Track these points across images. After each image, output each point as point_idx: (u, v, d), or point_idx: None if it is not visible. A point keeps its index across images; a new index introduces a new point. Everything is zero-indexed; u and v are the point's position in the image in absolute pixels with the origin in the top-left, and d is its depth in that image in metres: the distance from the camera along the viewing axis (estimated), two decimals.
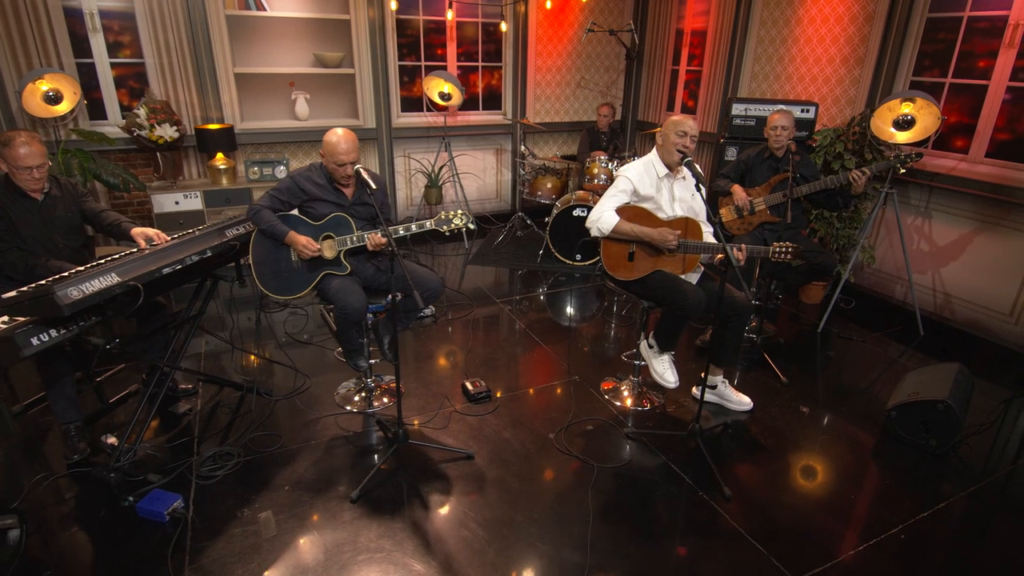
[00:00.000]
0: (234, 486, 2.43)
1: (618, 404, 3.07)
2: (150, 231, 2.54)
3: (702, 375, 2.63)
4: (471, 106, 5.96)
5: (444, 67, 5.66)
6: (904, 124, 3.52)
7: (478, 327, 3.94)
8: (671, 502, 2.42)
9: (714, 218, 2.55)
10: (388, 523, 2.26)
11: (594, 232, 2.75)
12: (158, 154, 4.49)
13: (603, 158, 4.95)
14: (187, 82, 4.64)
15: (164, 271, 2.25)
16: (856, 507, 2.43)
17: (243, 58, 4.92)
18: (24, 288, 2.05)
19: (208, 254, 2.48)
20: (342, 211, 2.68)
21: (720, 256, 2.51)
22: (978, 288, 3.80)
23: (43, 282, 2.07)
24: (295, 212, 2.72)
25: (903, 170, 3.46)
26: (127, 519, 2.24)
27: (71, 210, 2.63)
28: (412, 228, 2.58)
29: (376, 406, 3.00)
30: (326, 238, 2.67)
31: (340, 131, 2.56)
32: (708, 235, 2.77)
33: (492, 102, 6.08)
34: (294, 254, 2.66)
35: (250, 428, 2.80)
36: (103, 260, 2.29)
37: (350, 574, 2.03)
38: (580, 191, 4.88)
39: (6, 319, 1.96)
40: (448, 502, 2.38)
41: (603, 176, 4.90)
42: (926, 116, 3.45)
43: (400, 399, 2.58)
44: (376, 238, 2.58)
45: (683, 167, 2.68)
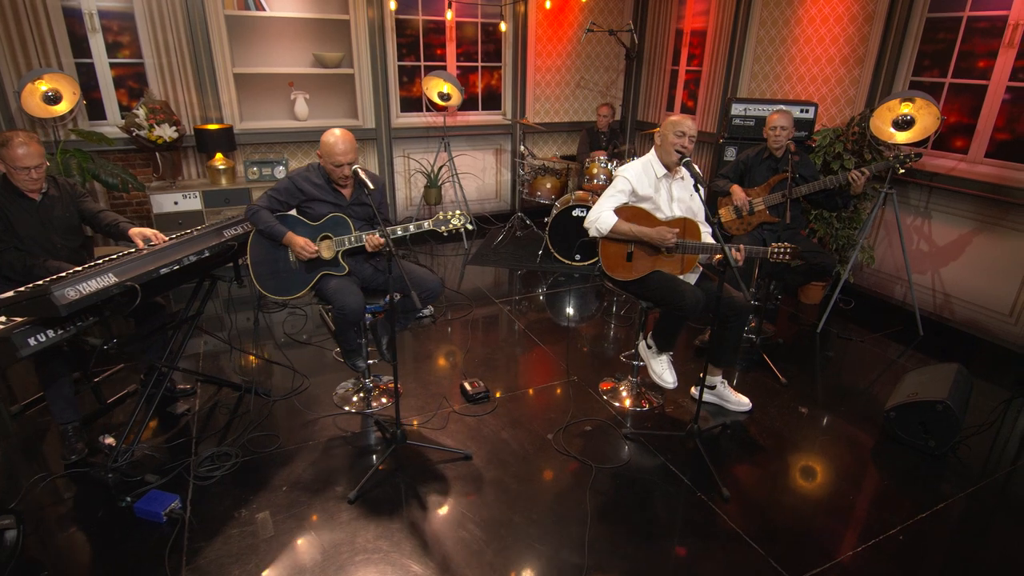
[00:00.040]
0: (232, 487, 2.43)
1: (617, 405, 3.06)
2: (148, 231, 2.54)
3: (700, 375, 2.63)
4: (470, 106, 5.96)
5: (443, 67, 5.66)
6: (903, 124, 3.51)
7: (477, 327, 3.94)
8: (669, 503, 2.42)
9: (712, 218, 2.55)
10: (386, 524, 2.26)
11: (592, 232, 2.75)
12: (157, 154, 4.49)
13: (603, 158, 4.95)
14: (186, 82, 4.64)
15: (162, 271, 2.25)
16: (855, 508, 2.43)
17: (242, 58, 4.92)
18: (21, 288, 2.05)
19: (206, 254, 2.47)
20: (340, 211, 2.68)
21: (719, 256, 2.51)
22: (977, 288, 3.79)
23: (40, 282, 2.07)
24: (293, 212, 2.72)
25: (902, 170, 3.46)
26: (125, 519, 2.24)
27: (69, 210, 2.63)
28: (410, 228, 2.58)
29: (374, 406, 3.00)
30: (324, 238, 2.67)
31: (338, 132, 2.56)
32: (706, 235, 2.77)
33: (492, 102, 6.08)
34: (292, 254, 2.66)
35: (248, 428, 2.79)
36: (101, 260, 2.29)
37: (347, 575, 2.03)
38: (579, 191, 4.88)
39: (3, 319, 1.95)
40: (446, 503, 2.38)
41: (602, 176, 4.90)
42: (925, 116, 3.45)
43: (398, 399, 2.58)
44: (374, 239, 2.58)
45: (681, 167, 2.68)
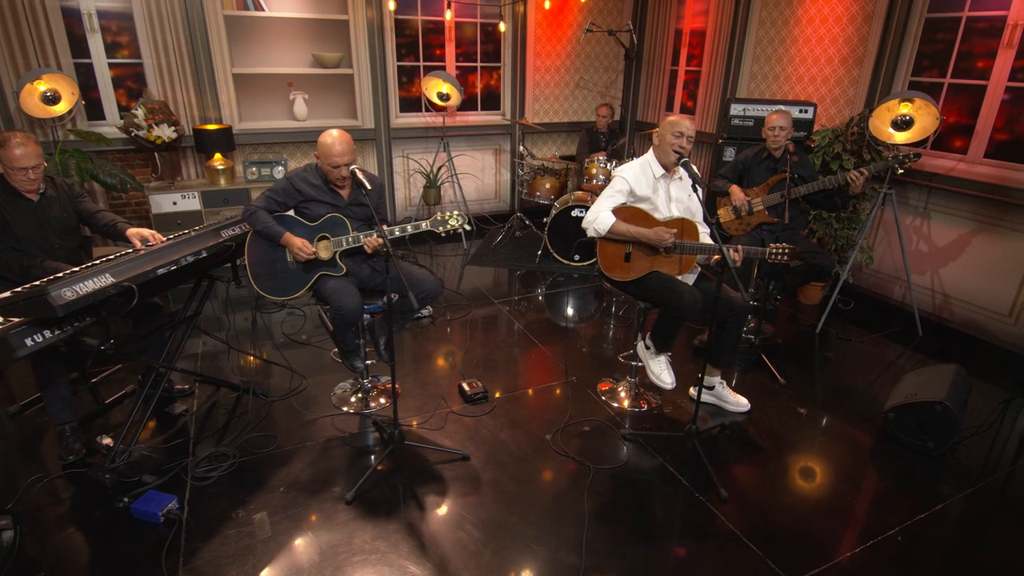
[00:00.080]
0: (229, 487, 2.43)
1: (615, 405, 3.06)
2: (145, 231, 2.54)
3: (699, 376, 2.62)
4: (470, 106, 5.96)
5: (443, 67, 5.65)
6: (902, 124, 3.51)
7: (476, 328, 3.94)
8: (667, 503, 2.41)
9: (710, 219, 2.55)
10: (383, 524, 2.25)
11: (590, 232, 2.74)
12: (156, 154, 4.49)
13: (602, 158, 4.95)
14: (185, 82, 4.64)
15: (159, 272, 2.25)
16: (853, 509, 2.42)
17: (241, 58, 4.92)
18: (18, 288, 2.05)
19: (203, 255, 2.47)
20: (338, 212, 2.67)
21: (717, 257, 2.50)
22: (977, 289, 3.79)
23: (37, 283, 2.06)
24: (291, 213, 2.71)
25: (901, 170, 3.45)
26: (122, 520, 2.24)
27: (67, 210, 2.63)
28: (408, 229, 2.57)
29: (373, 407, 2.99)
30: (322, 239, 2.66)
31: (335, 132, 2.55)
32: (705, 236, 2.77)
33: (491, 102, 6.08)
34: (290, 255, 2.66)
35: (246, 429, 2.79)
36: (98, 261, 2.28)
37: (344, 575, 2.03)
38: (579, 191, 4.88)
39: (1, 319, 1.95)
40: (444, 503, 2.38)
41: (601, 176, 4.89)
42: (925, 116, 3.44)
43: (396, 400, 2.57)
44: (373, 240, 2.57)
45: (680, 167, 2.67)
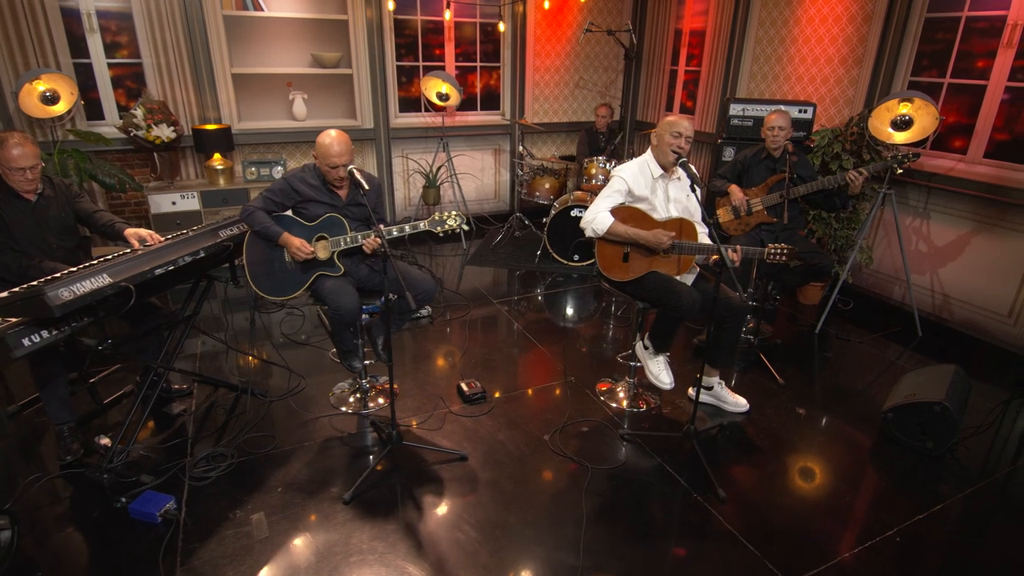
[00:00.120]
0: (227, 487, 2.43)
1: (614, 405, 3.06)
2: (143, 232, 2.54)
3: (697, 376, 2.62)
4: (469, 106, 5.95)
5: (442, 67, 5.65)
6: (902, 124, 3.50)
7: (475, 328, 3.94)
8: (665, 504, 2.41)
9: (709, 219, 2.54)
10: (381, 525, 2.25)
11: (588, 233, 2.74)
12: (155, 154, 4.49)
13: (601, 159, 4.95)
14: (184, 82, 4.64)
15: (156, 272, 2.25)
16: (851, 509, 2.42)
17: (240, 58, 4.92)
18: (15, 289, 2.05)
19: (201, 255, 2.47)
20: (336, 212, 2.67)
21: (715, 257, 2.50)
22: (976, 289, 3.78)
23: (34, 283, 2.06)
24: (289, 213, 2.71)
25: (900, 170, 3.45)
26: (120, 520, 2.24)
27: (65, 210, 2.63)
28: (406, 229, 2.57)
29: (371, 407, 2.99)
30: (320, 239, 2.66)
31: (333, 133, 2.55)
32: (703, 236, 2.76)
33: (490, 102, 6.08)
34: (288, 255, 2.66)
35: (244, 429, 2.79)
36: (96, 261, 2.28)
37: None
38: (578, 191, 4.88)
39: None
40: (442, 504, 2.38)
41: (601, 176, 4.89)
42: (924, 116, 3.44)
43: (394, 400, 2.57)
44: (371, 241, 2.57)
45: (678, 168, 2.67)
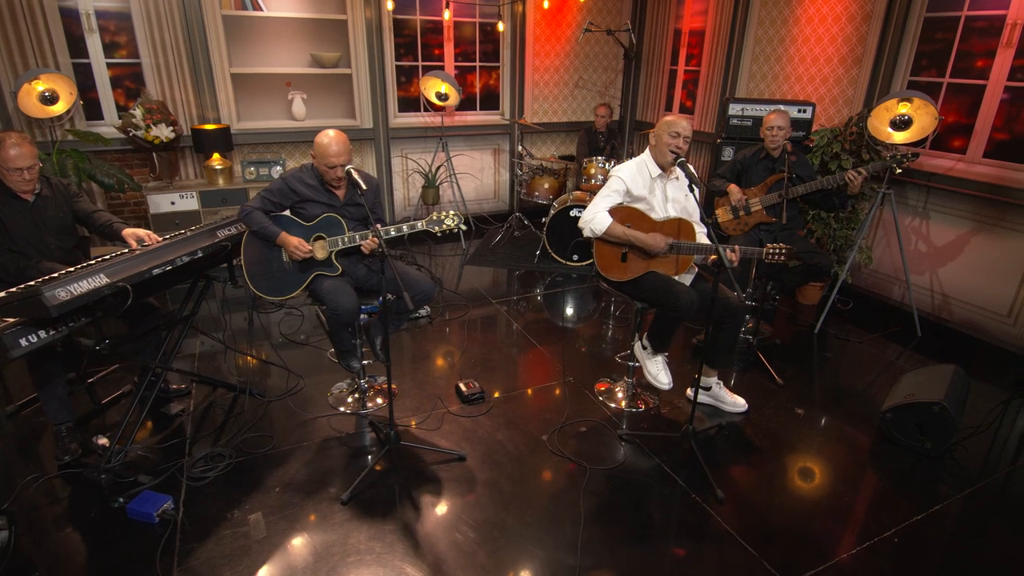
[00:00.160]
0: (225, 487, 2.43)
1: (612, 406, 3.05)
2: (141, 232, 2.54)
3: (696, 377, 2.62)
4: (468, 106, 5.95)
5: (441, 67, 5.65)
6: (901, 124, 3.49)
7: (474, 328, 3.93)
8: (663, 504, 2.41)
9: (707, 219, 2.54)
10: (379, 525, 2.25)
11: (586, 233, 2.74)
12: (154, 154, 4.49)
13: (600, 158, 4.95)
14: (183, 82, 4.64)
15: (154, 272, 2.24)
16: (850, 510, 2.41)
17: (240, 58, 4.92)
18: (13, 289, 2.04)
19: (199, 255, 2.47)
20: (334, 212, 2.67)
21: (714, 257, 2.50)
22: (976, 289, 3.77)
23: (32, 283, 2.06)
24: (287, 213, 2.71)
25: (899, 170, 3.44)
26: (117, 520, 2.24)
27: (63, 210, 2.63)
28: (403, 229, 2.57)
29: (369, 407, 2.99)
30: (317, 239, 2.66)
31: (331, 133, 2.55)
32: (701, 236, 2.76)
33: (490, 102, 6.07)
34: (285, 255, 2.66)
35: (243, 429, 2.79)
36: (93, 261, 2.28)
37: None
38: (577, 191, 4.87)
39: None
40: (440, 504, 2.37)
41: (600, 176, 4.89)
42: (923, 116, 3.43)
43: (392, 400, 2.57)
44: (368, 242, 2.57)
45: (676, 167, 2.67)
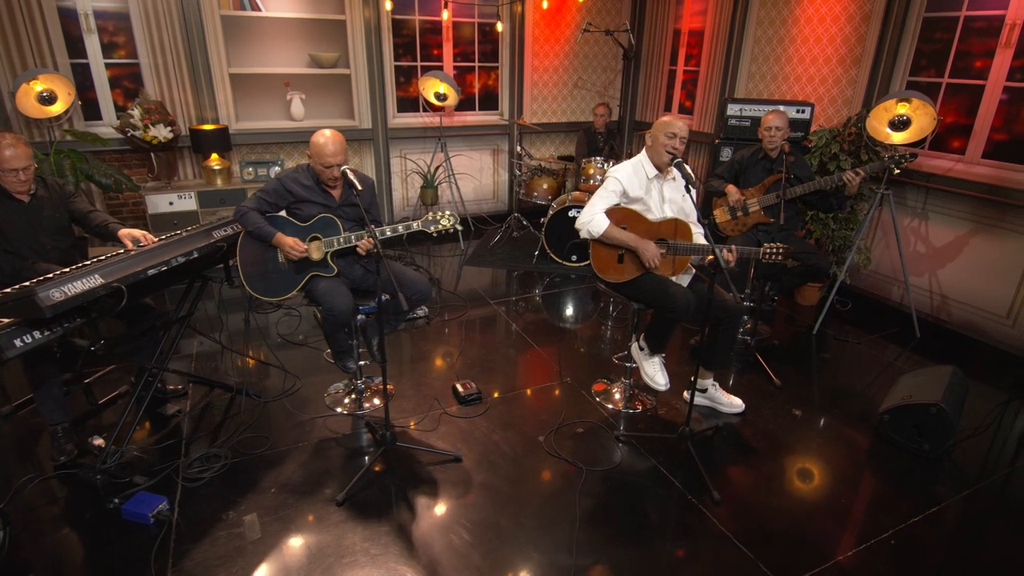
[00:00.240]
0: (220, 488, 2.42)
1: (609, 406, 3.05)
2: (137, 232, 2.53)
3: (692, 379, 2.61)
4: (467, 106, 5.95)
5: (440, 67, 5.64)
6: (900, 124, 3.48)
7: (472, 328, 3.93)
8: (659, 505, 2.40)
9: (703, 219, 2.53)
10: (374, 526, 2.24)
11: (583, 234, 2.73)
12: (152, 155, 4.49)
13: (599, 159, 4.95)
14: (182, 82, 4.64)
15: (149, 272, 2.24)
16: (847, 511, 2.41)
17: (238, 58, 4.92)
18: (7, 290, 2.04)
19: (194, 255, 2.46)
20: (329, 212, 2.67)
21: (711, 257, 2.49)
22: (975, 290, 3.76)
23: (26, 283, 2.06)
24: (283, 213, 2.71)
25: (897, 171, 3.44)
26: (112, 521, 2.23)
27: (59, 211, 2.62)
28: (399, 229, 2.56)
29: (366, 407, 2.98)
30: (313, 239, 2.65)
31: (328, 132, 2.54)
32: (699, 236, 2.75)
33: (489, 102, 6.07)
34: (281, 256, 2.65)
35: (239, 430, 2.78)
36: (89, 262, 2.28)
37: None
38: (576, 192, 4.87)
39: None
40: (435, 505, 2.37)
41: (599, 177, 4.89)
42: (922, 116, 3.42)
43: (388, 401, 2.57)
44: (364, 243, 2.56)
45: (673, 168, 2.66)
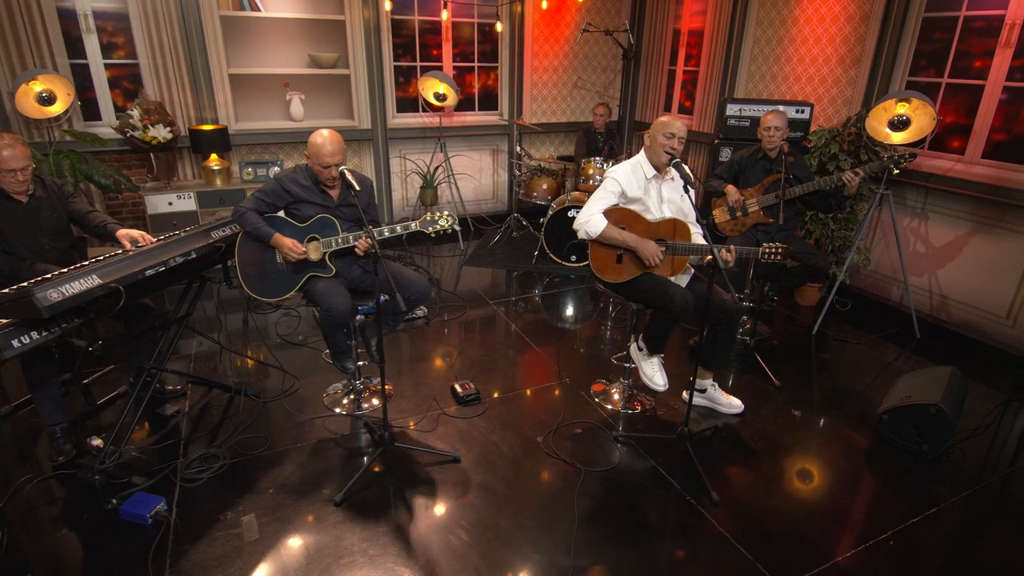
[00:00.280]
0: (219, 489, 2.42)
1: (608, 407, 3.04)
2: (135, 233, 2.53)
3: (691, 379, 2.61)
4: (467, 107, 5.95)
5: (440, 68, 5.64)
6: (899, 124, 3.48)
7: (471, 329, 3.93)
8: (658, 506, 2.40)
9: (702, 219, 2.53)
10: (372, 527, 2.24)
11: (581, 235, 2.72)
12: (152, 155, 4.49)
13: (599, 159, 4.95)
14: (181, 83, 4.64)
15: (147, 273, 2.24)
16: (846, 512, 2.40)
17: (237, 59, 4.92)
18: (5, 290, 2.04)
19: (192, 256, 2.46)
20: (328, 213, 2.66)
21: (710, 257, 2.49)
22: (974, 290, 3.76)
23: (24, 284, 2.06)
24: (281, 214, 2.71)
25: (896, 171, 3.43)
26: (110, 521, 2.23)
27: (57, 211, 2.63)
28: (397, 229, 2.56)
29: (365, 408, 2.98)
30: (311, 240, 2.65)
31: (326, 132, 2.54)
32: (697, 236, 2.75)
33: (488, 102, 6.07)
34: (279, 256, 2.65)
35: (237, 430, 2.78)
36: (87, 262, 2.28)
37: None
38: (575, 192, 4.87)
39: None
40: (433, 506, 2.37)
41: (598, 177, 4.89)
42: (921, 116, 3.42)
43: (386, 401, 2.56)
44: (364, 243, 2.56)
45: (671, 168, 2.66)
